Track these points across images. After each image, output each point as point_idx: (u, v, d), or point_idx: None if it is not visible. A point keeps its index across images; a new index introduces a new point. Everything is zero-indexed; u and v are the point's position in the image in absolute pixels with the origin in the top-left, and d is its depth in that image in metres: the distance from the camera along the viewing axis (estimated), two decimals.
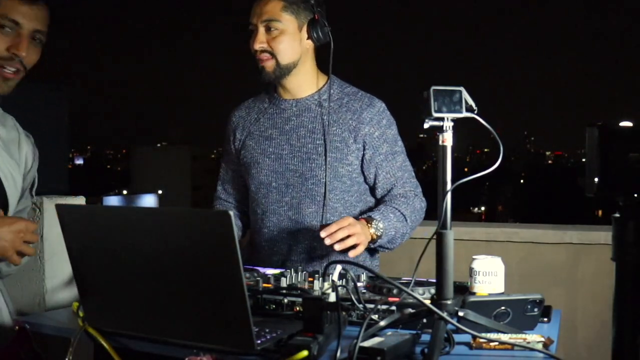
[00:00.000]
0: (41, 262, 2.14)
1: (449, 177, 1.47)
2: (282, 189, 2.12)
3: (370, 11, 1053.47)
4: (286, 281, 1.74)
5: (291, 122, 2.13)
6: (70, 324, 1.62)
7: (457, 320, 1.44)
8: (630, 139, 1.87)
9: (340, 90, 2.15)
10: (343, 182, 2.10)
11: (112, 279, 1.48)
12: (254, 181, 2.16)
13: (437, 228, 1.48)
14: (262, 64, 2.06)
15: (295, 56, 2.07)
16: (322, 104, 2.12)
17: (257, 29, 2.05)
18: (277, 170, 2.13)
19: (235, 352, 1.36)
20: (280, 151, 2.13)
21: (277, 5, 2.04)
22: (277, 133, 2.14)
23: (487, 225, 3.83)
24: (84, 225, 1.51)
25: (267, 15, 2.03)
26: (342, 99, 2.13)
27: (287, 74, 2.08)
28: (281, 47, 2.04)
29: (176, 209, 1.36)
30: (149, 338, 1.46)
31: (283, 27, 2.04)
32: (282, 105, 2.15)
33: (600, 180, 1.86)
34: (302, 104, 2.13)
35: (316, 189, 2.09)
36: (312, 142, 2.10)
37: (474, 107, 1.50)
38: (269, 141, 2.15)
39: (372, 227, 1.99)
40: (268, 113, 2.18)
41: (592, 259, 3.27)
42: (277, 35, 2.04)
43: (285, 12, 2.04)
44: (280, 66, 2.06)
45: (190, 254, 1.36)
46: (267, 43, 2.04)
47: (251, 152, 2.17)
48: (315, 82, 2.15)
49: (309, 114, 2.12)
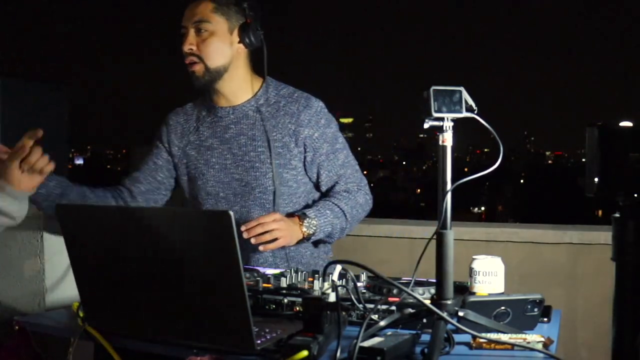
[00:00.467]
0: (41, 262, 2.14)
1: (449, 177, 1.48)
2: (230, 199, 2.12)
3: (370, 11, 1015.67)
4: (286, 281, 1.74)
5: (230, 130, 2.12)
6: (70, 324, 1.62)
7: (457, 320, 1.44)
8: (630, 139, 1.87)
9: (276, 92, 2.14)
10: (289, 186, 2.11)
11: (112, 279, 1.48)
12: (201, 192, 2.14)
13: (437, 228, 1.48)
14: (191, 69, 2.05)
15: (225, 60, 2.05)
16: (260, 109, 2.10)
17: (188, 31, 2.04)
18: (223, 181, 2.12)
19: (235, 352, 1.37)
20: (223, 161, 2.12)
21: (208, 7, 2.03)
22: (217, 142, 2.13)
23: (487, 225, 3.83)
24: (84, 225, 1.51)
25: (197, 17, 2.03)
26: (279, 102, 2.12)
27: (218, 79, 2.06)
28: (209, 49, 2.02)
29: (176, 209, 1.36)
30: (149, 338, 1.46)
31: (213, 28, 2.02)
32: (219, 114, 2.13)
33: (600, 180, 1.86)
34: (239, 111, 2.11)
35: (264, 196, 2.09)
36: (254, 150, 2.09)
37: (474, 107, 1.50)
38: (211, 151, 2.13)
39: (303, 226, 1.99)
40: (206, 121, 2.16)
41: (592, 259, 3.27)
42: (206, 37, 2.02)
43: (216, 14, 2.03)
44: (209, 70, 2.04)
45: (190, 254, 1.36)
46: (196, 45, 2.03)
47: (195, 163, 2.16)
48: (251, 87, 2.12)
49: (247, 120, 2.11)
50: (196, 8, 2.04)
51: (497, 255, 1.71)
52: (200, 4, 2.04)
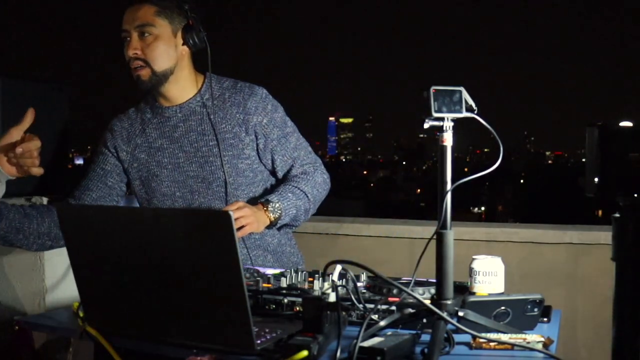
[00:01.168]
0: (41, 262, 2.14)
1: (449, 177, 1.48)
2: (188, 197, 2.11)
3: (370, 11, 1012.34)
4: (286, 281, 1.74)
5: (179, 128, 2.11)
6: (70, 324, 1.62)
7: (457, 320, 1.44)
8: (630, 139, 1.87)
9: (219, 86, 2.14)
10: (246, 176, 2.11)
11: (112, 279, 1.48)
12: (156, 194, 2.13)
13: (437, 228, 1.48)
14: (137, 73, 2.03)
15: (171, 62, 2.05)
16: (206, 104, 2.10)
17: (131, 35, 2.02)
18: (178, 180, 2.11)
19: (235, 352, 1.36)
20: (176, 160, 2.11)
21: (150, 10, 2.02)
22: (167, 142, 2.12)
23: (487, 225, 3.83)
24: (84, 225, 1.51)
25: (140, 21, 2.01)
26: (224, 94, 2.12)
27: (165, 82, 2.06)
28: (155, 53, 2.02)
29: (176, 209, 1.36)
30: (149, 338, 1.46)
31: (157, 32, 2.02)
32: (165, 114, 2.12)
33: (600, 180, 1.86)
34: (185, 109, 2.11)
35: (221, 189, 2.09)
36: (205, 145, 2.09)
37: (474, 107, 1.50)
38: (161, 152, 2.12)
39: (268, 211, 2.00)
40: (153, 123, 2.14)
41: (592, 259, 3.27)
42: (151, 41, 2.01)
43: (159, 17, 2.02)
44: (156, 74, 2.03)
45: (190, 255, 1.36)
46: (140, 50, 2.02)
47: (146, 166, 2.14)
48: (195, 85, 2.13)
49: (195, 116, 2.11)
50: (137, 12, 2.02)
51: (497, 255, 1.71)
52: (142, 7, 2.02)
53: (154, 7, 2.02)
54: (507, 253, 3.08)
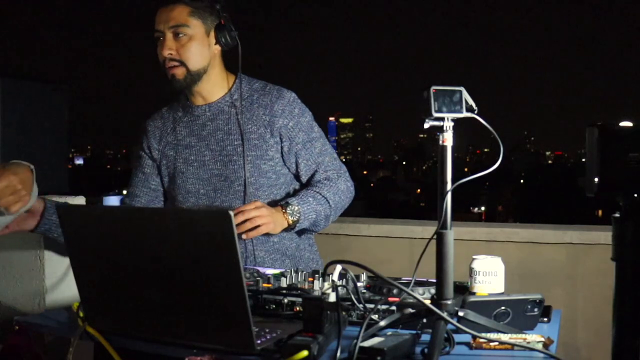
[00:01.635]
0: (41, 262, 2.14)
1: (449, 177, 1.47)
2: (211, 195, 2.13)
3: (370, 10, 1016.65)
4: (286, 281, 1.74)
5: (207, 127, 2.14)
6: (70, 324, 1.62)
7: (457, 320, 1.44)
8: (630, 139, 1.87)
9: (249, 87, 2.16)
10: (268, 177, 2.12)
11: (112, 279, 1.48)
12: (181, 190, 2.15)
13: (437, 228, 1.48)
14: (171, 72, 2.05)
15: (205, 62, 2.08)
16: (234, 104, 2.13)
17: (165, 35, 2.04)
18: (203, 177, 2.13)
19: (235, 352, 1.36)
20: (202, 158, 2.14)
21: (184, 11, 2.03)
22: (195, 140, 2.15)
23: (487, 225, 3.83)
24: (84, 225, 1.51)
25: (174, 21, 2.03)
26: (252, 95, 2.14)
27: (198, 80, 2.08)
28: (190, 53, 2.04)
29: (176, 209, 1.36)
30: (149, 338, 1.46)
31: (191, 32, 2.04)
32: (195, 112, 2.15)
33: (600, 180, 1.86)
34: (214, 108, 2.14)
35: (242, 189, 2.10)
36: (230, 144, 2.11)
37: (474, 107, 1.50)
38: (189, 149, 2.15)
39: (287, 213, 2.00)
40: (183, 121, 2.18)
41: (592, 259, 3.27)
42: (185, 41, 2.04)
43: (193, 17, 2.04)
44: (190, 73, 2.06)
45: (190, 254, 1.36)
46: (175, 50, 2.04)
47: (173, 162, 2.17)
48: (225, 84, 2.15)
49: (223, 116, 2.13)
50: (172, 12, 2.03)
51: (497, 255, 1.71)
52: (176, 8, 2.03)
53: (188, 7, 2.03)
54: (507, 253, 3.08)
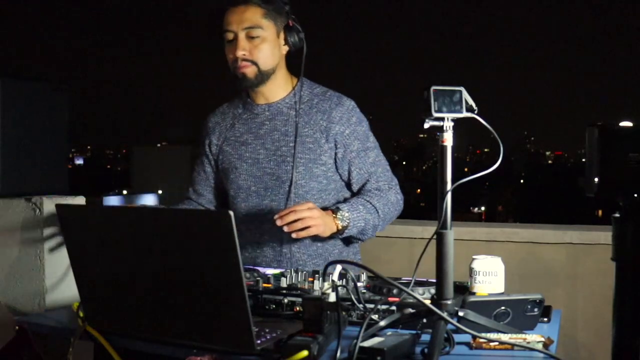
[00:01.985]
0: (41, 262, 2.14)
1: (449, 177, 1.47)
2: (261, 193, 2.15)
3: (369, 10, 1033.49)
4: (286, 281, 1.74)
5: (265, 126, 2.17)
6: (70, 324, 1.62)
7: (457, 320, 1.44)
8: (630, 139, 1.87)
9: (310, 91, 2.19)
10: (319, 181, 2.13)
11: (112, 279, 1.48)
12: (233, 185, 2.19)
13: (437, 228, 1.48)
14: (242, 71, 2.08)
15: (275, 62, 2.11)
16: (294, 106, 2.15)
17: (238, 36, 2.06)
18: (255, 175, 2.16)
19: (235, 352, 1.36)
20: (256, 155, 2.16)
21: (258, 12, 2.06)
22: (252, 138, 2.18)
23: (487, 225, 3.83)
24: (84, 225, 1.51)
25: (248, 23, 2.05)
26: (312, 100, 2.16)
27: (267, 80, 2.12)
28: (263, 54, 2.07)
29: (176, 209, 1.36)
30: (149, 338, 1.46)
31: (265, 34, 2.07)
32: (255, 111, 2.19)
33: (600, 180, 1.87)
34: (274, 108, 2.17)
35: (293, 190, 2.12)
36: (285, 145, 2.13)
37: (474, 107, 1.50)
38: (245, 146, 2.18)
39: (337, 218, 2.02)
40: (242, 119, 2.21)
41: (592, 259, 3.27)
42: (259, 43, 2.07)
43: (266, 19, 2.07)
44: (261, 73, 2.09)
45: (190, 254, 1.36)
46: (248, 51, 2.06)
47: (229, 158, 2.21)
48: (288, 85, 2.18)
49: (282, 117, 2.16)
50: (244, 13, 2.06)
51: (497, 255, 1.71)
52: (249, 9, 2.06)
53: (261, 8, 2.06)
54: (507, 253, 3.08)
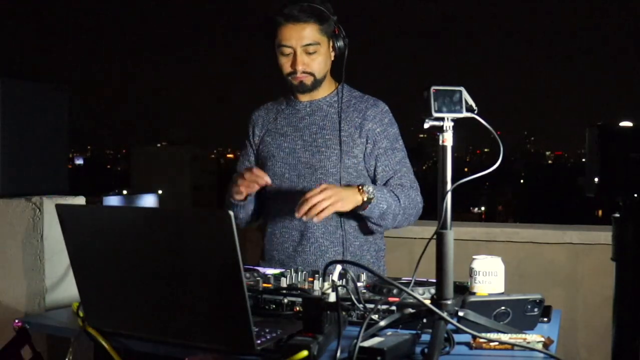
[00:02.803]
0: (41, 262, 2.14)
1: (449, 177, 1.47)
2: (294, 180, 2.27)
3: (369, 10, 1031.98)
4: (286, 281, 1.74)
5: (305, 120, 2.31)
6: (70, 324, 1.62)
7: (457, 320, 1.44)
8: (630, 139, 1.87)
9: (349, 94, 2.33)
10: (349, 172, 2.24)
11: (112, 279, 1.48)
12: (269, 172, 2.27)
13: (437, 228, 1.48)
14: (300, 80, 2.22)
15: (328, 68, 2.27)
16: (333, 105, 2.31)
17: (296, 51, 2.19)
18: (290, 163, 2.29)
19: (235, 352, 1.36)
20: (293, 146, 2.30)
21: (314, 29, 2.18)
22: (291, 130, 2.32)
23: (487, 225, 3.83)
24: (84, 225, 1.51)
25: (307, 40, 2.18)
26: (350, 100, 2.32)
27: (320, 85, 2.27)
28: (320, 66, 2.22)
29: (176, 209, 1.36)
30: (149, 338, 1.46)
31: (321, 48, 2.21)
32: (297, 107, 2.33)
33: (600, 180, 1.87)
34: (315, 105, 2.31)
35: (324, 178, 2.23)
36: (322, 137, 2.27)
37: (474, 107, 1.50)
38: (284, 137, 2.32)
39: (363, 191, 2.08)
40: (285, 113, 2.36)
41: (592, 259, 3.27)
42: (316, 57, 2.21)
43: (322, 34, 2.20)
44: (316, 80, 2.24)
45: (190, 254, 1.36)
46: (307, 64, 2.21)
47: (268, 147, 2.34)
48: (330, 86, 2.33)
49: (321, 113, 2.30)
50: (303, 31, 2.17)
51: (497, 255, 1.71)
52: (307, 26, 2.17)
53: (317, 25, 2.18)
54: (507, 253, 3.08)
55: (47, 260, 2.14)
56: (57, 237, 2.13)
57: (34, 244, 2.14)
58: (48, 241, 2.14)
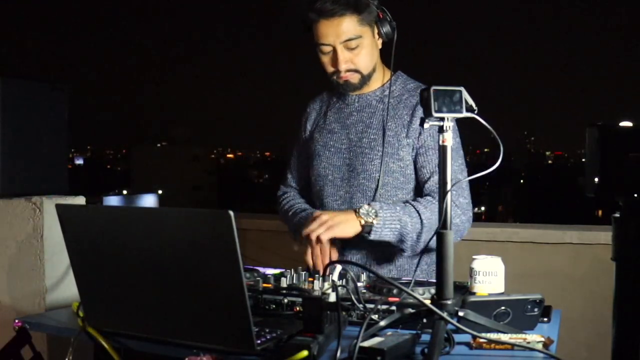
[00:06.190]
0: (41, 262, 2.14)
1: (449, 177, 1.47)
2: (337, 183, 2.12)
3: None
4: (286, 281, 1.74)
5: (352, 116, 2.14)
6: (70, 324, 1.62)
7: (457, 320, 1.44)
8: (630, 139, 1.88)
9: (403, 86, 2.13)
10: (395, 177, 2.06)
11: (112, 279, 1.48)
12: (314, 172, 2.18)
13: (437, 228, 1.48)
14: (345, 78, 2.05)
15: (375, 60, 2.07)
16: (383, 100, 2.11)
17: (337, 48, 2.00)
18: (335, 164, 2.14)
19: (235, 352, 1.36)
20: (339, 145, 2.14)
21: (352, 21, 1.98)
22: (339, 127, 2.16)
23: (487, 225, 3.83)
24: (84, 225, 1.51)
25: (346, 35, 1.98)
26: (403, 95, 2.11)
27: (369, 80, 2.09)
28: (365, 61, 2.03)
29: (176, 209, 1.36)
30: (149, 338, 1.46)
31: (363, 41, 2.01)
32: (346, 100, 2.16)
33: (600, 180, 1.87)
34: (364, 100, 2.13)
35: (367, 183, 2.07)
36: (367, 137, 2.09)
37: (474, 107, 1.50)
38: (332, 134, 2.16)
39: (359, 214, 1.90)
40: (335, 107, 2.19)
41: (592, 259, 3.27)
42: (359, 51, 2.01)
43: (362, 26, 1.99)
44: (364, 77, 2.06)
45: (190, 254, 1.36)
46: (350, 61, 2.02)
47: (315, 145, 2.19)
48: (382, 78, 2.14)
49: (369, 109, 2.12)
50: (341, 25, 1.97)
51: (497, 255, 1.71)
52: (344, 20, 1.97)
53: (354, 16, 1.97)
54: (507, 253, 3.08)
55: (47, 260, 2.14)
56: (57, 237, 2.13)
57: (34, 244, 2.14)
58: (48, 241, 2.15)
